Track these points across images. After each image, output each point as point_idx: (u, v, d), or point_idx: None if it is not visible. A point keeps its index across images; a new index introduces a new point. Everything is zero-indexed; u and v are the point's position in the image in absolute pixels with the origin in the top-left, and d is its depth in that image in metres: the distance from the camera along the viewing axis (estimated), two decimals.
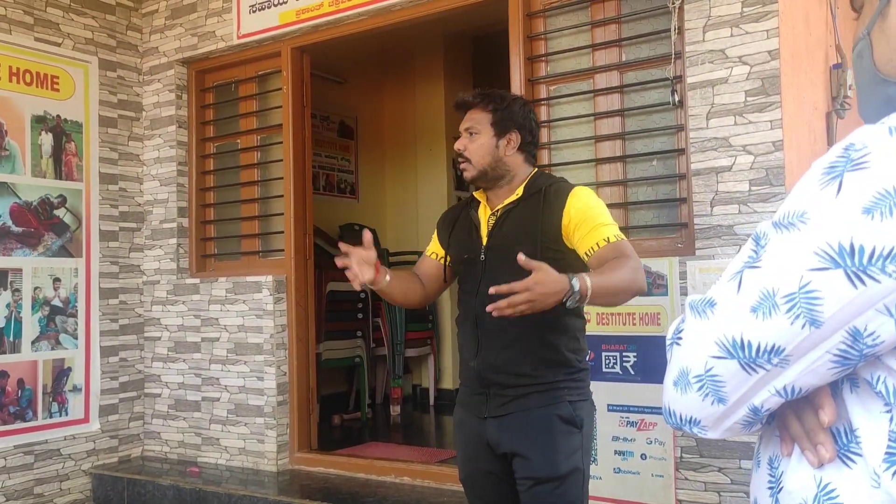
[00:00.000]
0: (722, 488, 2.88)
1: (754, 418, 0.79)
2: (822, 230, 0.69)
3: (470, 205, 2.21)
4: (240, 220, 4.59)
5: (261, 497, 3.71)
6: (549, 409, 1.99)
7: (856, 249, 0.67)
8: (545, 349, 2.01)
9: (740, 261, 0.77)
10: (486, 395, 2.05)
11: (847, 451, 0.75)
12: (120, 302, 4.55)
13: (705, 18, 2.99)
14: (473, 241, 2.12)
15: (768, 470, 0.83)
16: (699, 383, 0.78)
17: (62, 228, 4.29)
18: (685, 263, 2.98)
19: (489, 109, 2.10)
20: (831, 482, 0.75)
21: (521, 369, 2.00)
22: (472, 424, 2.11)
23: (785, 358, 0.73)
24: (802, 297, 0.70)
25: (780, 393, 0.75)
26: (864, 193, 0.67)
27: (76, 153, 4.37)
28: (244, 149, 4.59)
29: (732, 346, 0.75)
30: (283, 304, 4.19)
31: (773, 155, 2.83)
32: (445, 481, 3.68)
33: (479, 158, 2.09)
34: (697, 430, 0.82)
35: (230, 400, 4.28)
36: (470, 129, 2.11)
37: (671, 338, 0.84)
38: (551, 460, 1.97)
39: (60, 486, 4.18)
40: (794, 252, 0.71)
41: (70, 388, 4.28)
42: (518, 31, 3.52)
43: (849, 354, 0.71)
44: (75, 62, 4.39)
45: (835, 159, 0.71)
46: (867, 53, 0.85)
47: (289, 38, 4.26)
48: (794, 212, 0.72)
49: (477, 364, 2.05)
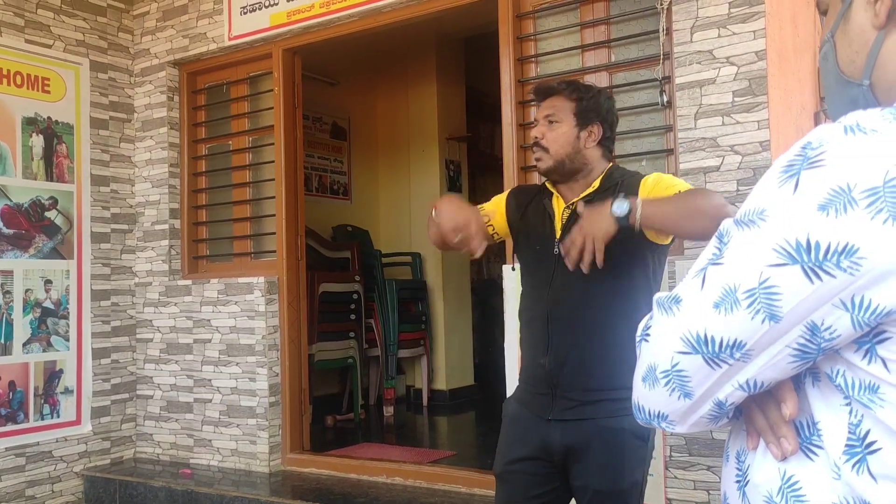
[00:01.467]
0: (711, 486, 2.90)
1: (720, 412, 0.80)
2: (780, 227, 0.70)
3: (542, 192, 2.08)
4: (232, 222, 4.60)
5: (253, 498, 3.71)
6: (619, 421, 1.85)
7: (812, 245, 0.68)
8: (620, 349, 1.73)
9: (705, 258, 0.78)
10: (552, 395, 1.93)
11: (809, 444, 0.76)
12: (112, 304, 4.55)
13: (693, 19, 3.01)
14: (547, 231, 1.99)
15: (736, 464, 0.85)
16: (666, 378, 0.79)
17: (53, 230, 4.29)
18: (674, 263, 2.99)
19: (574, 98, 1.99)
20: (794, 475, 0.76)
21: (595, 371, 1.89)
22: (531, 423, 1.97)
23: (746, 352, 0.74)
24: (762, 292, 0.71)
25: (744, 387, 0.77)
26: (819, 191, 0.69)
27: (67, 155, 4.37)
28: (236, 150, 4.60)
29: (697, 342, 0.76)
30: (275, 306, 4.20)
31: (761, 155, 2.85)
32: (437, 481, 3.69)
33: (557, 148, 1.97)
34: (665, 424, 0.83)
35: (222, 401, 4.28)
36: (550, 117, 1.99)
37: (640, 335, 0.85)
38: (617, 475, 1.88)
39: (52, 488, 4.18)
40: (753, 249, 0.72)
41: (62, 390, 4.27)
42: (508, 32, 3.54)
43: (807, 348, 0.72)
44: (66, 64, 4.39)
45: (792, 158, 0.73)
46: (831, 56, 0.86)
47: (280, 39, 4.27)
48: (754, 209, 0.73)
49: (548, 362, 1.92)
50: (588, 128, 1.98)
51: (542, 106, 2.04)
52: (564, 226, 1.94)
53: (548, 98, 2.03)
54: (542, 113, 2.02)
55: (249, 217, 4.53)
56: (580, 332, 1.90)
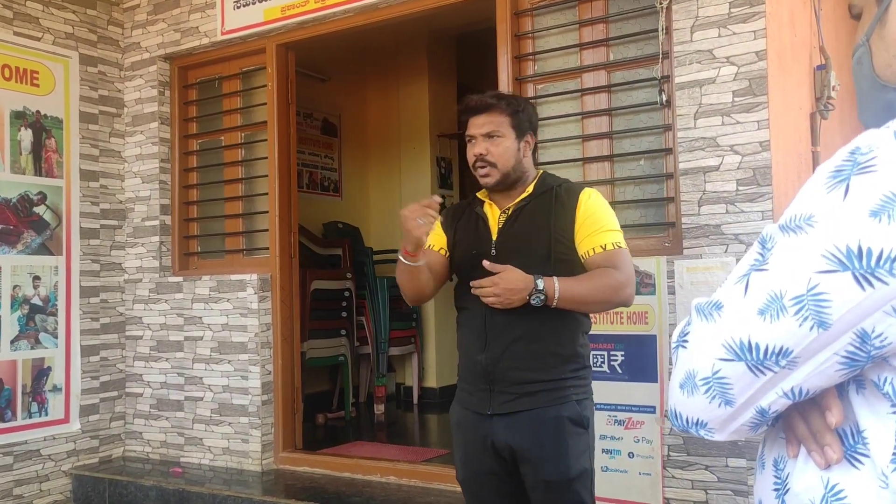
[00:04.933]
0: (709, 486, 2.90)
1: (761, 420, 0.79)
2: (830, 233, 0.69)
3: (473, 204, 2.20)
4: (223, 218, 4.55)
5: (245, 497, 3.68)
6: (558, 410, 1.99)
7: (864, 252, 0.67)
8: (556, 343, 2.01)
9: (746, 264, 0.77)
10: (491, 391, 2.03)
11: (854, 453, 0.75)
12: (101, 300, 4.50)
13: (693, 19, 3.00)
14: (482, 237, 2.10)
15: (773, 472, 0.83)
16: (706, 385, 0.78)
17: (42, 226, 4.23)
18: (672, 262, 2.99)
19: (510, 112, 2.07)
20: (839, 483, 0.75)
21: (531, 364, 1.99)
22: (474, 423, 2.07)
23: (793, 360, 0.73)
24: (810, 299, 0.70)
25: (788, 395, 0.75)
26: (871, 197, 0.67)
27: (56, 149, 4.31)
28: (228, 146, 4.55)
29: (740, 349, 0.74)
30: (267, 303, 4.16)
31: (760, 155, 2.85)
32: (432, 480, 3.67)
33: (504, 162, 2.06)
34: (704, 432, 0.82)
35: (214, 399, 4.24)
36: (492, 133, 2.06)
37: (677, 341, 0.84)
38: (563, 464, 1.98)
39: (40, 487, 4.13)
40: (801, 255, 0.71)
41: (50, 388, 4.22)
42: (506, 29, 3.52)
43: (856, 356, 0.71)
44: (55, 57, 4.33)
45: (841, 163, 0.71)
46: (866, 60, 0.85)
47: (274, 34, 4.23)
48: (800, 215, 0.72)
49: (485, 358, 2.02)
50: (524, 139, 2.10)
51: (478, 122, 2.09)
52: (501, 229, 2.08)
53: (482, 114, 2.09)
54: (483, 129, 2.08)
55: (242, 214, 4.49)
56: (516, 328, 1.99)
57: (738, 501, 2.85)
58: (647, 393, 3.03)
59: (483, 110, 2.09)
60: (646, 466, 3.03)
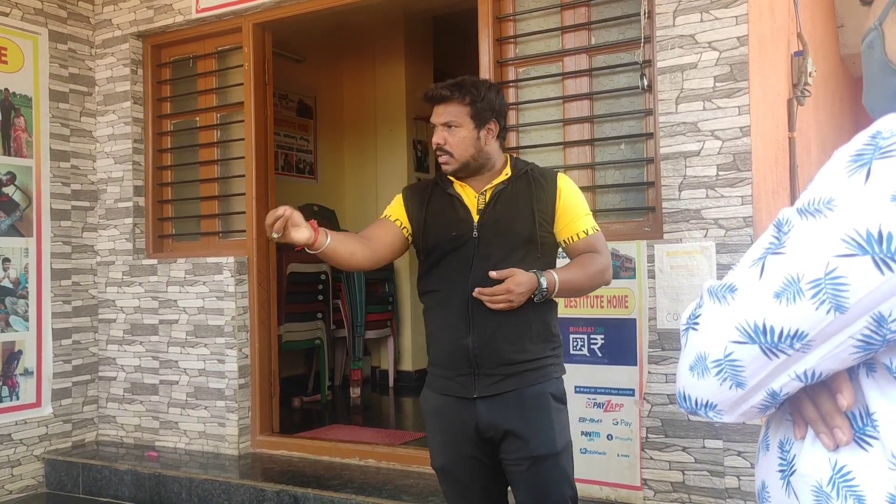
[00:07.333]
0: (686, 467, 2.95)
1: (771, 402, 0.79)
2: (850, 217, 0.69)
3: (439, 184, 2.17)
4: (199, 200, 4.48)
5: (223, 481, 3.65)
6: (543, 387, 2.04)
7: (884, 236, 0.67)
8: (539, 323, 2.06)
9: (761, 247, 0.77)
10: (474, 374, 2.03)
11: (863, 435, 0.76)
12: (73, 283, 4.41)
13: (676, 3, 3.01)
14: (462, 218, 2.09)
15: (779, 453, 0.84)
16: (717, 368, 0.78)
17: (11, 207, 4.13)
18: (653, 247, 3.02)
19: (467, 103, 2.07)
20: (847, 465, 0.76)
21: (518, 345, 2.02)
22: (455, 409, 2.07)
23: (807, 343, 0.73)
24: (828, 283, 0.70)
25: (800, 377, 0.76)
26: (893, 181, 0.68)
27: (25, 128, 4.20)
28: (203, 127, 4.47)
29: (754, 332, 0.75)
30: (244, 286, 4.12)
31: (741, 140, 2.88)
32: (411, 463, 3.68)
33: (462, 151, 2.07)
34: (713, 413, 0.82)
35: (189, 383, 4.19)
36: (450, 123, 2.07)
37: (686, 323, 0.84)
38: (550, 438, 2.02)
39: (12, 472, 4.06)
40: (820, 238, 0.71)
41: (21, 372, 4.14)
42: (487, 11, 3.50)
43: (872, 340, 0.71)
44: (24, 33, 4.21)
45: (862, 147, 0.71)
46: (878, 44, 0.85)
47: (250, 13, 4.15)
48: (820, 198, 0.72)
49: (471, 341, 2.02)
50: (486, 126, 2.09)
51: (437, 111, 2.11)
52: (482, 211, 2.07)
53: (441, 104, 2.10)
54: (440, 119, 2.10)
55: (217, 195, 4.42)
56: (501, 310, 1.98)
57: (714, 482, 2.90)
58: (626, 376, 3.06)
59: (440, 101, 2.10)
60: (624, 448, 3.07)
